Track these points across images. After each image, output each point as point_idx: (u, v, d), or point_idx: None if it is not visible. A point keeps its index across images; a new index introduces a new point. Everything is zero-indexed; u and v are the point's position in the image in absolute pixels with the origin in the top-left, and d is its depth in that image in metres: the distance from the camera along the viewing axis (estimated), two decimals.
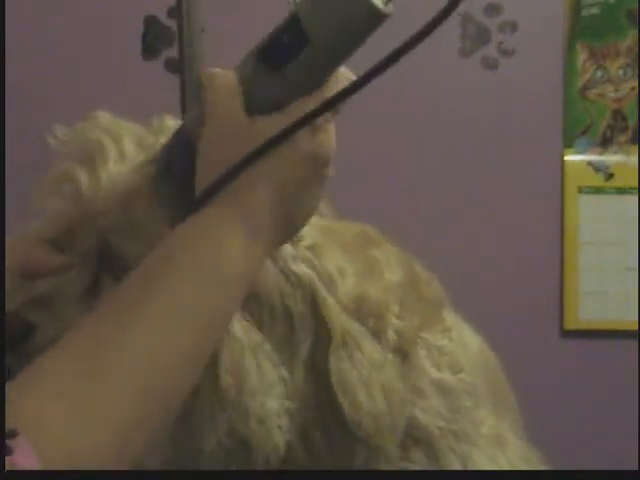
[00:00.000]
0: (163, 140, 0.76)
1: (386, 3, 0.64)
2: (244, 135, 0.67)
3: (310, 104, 0.67)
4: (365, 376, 0.77)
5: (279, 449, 0.75)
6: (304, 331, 0.77)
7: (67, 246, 0.77)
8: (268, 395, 0.75)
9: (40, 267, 0.76)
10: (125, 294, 0.62)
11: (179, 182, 0.72)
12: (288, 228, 0.70)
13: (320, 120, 0.67)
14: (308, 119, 0.66)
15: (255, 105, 0.68)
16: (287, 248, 0.78)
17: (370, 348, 0.79)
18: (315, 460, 0.78)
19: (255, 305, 0.77)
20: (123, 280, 0.63)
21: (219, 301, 0.64)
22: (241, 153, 0.66)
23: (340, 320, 0.78)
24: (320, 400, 0.77)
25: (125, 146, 0.77)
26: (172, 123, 0.80)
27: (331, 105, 0.66)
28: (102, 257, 0.75)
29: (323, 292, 0.77)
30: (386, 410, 0.77)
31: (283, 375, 0.76)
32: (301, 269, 0.78)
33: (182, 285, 0.62)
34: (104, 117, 0.80)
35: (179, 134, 0.73)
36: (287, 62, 0.67)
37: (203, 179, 0.68)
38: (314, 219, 0.84)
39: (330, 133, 0.69)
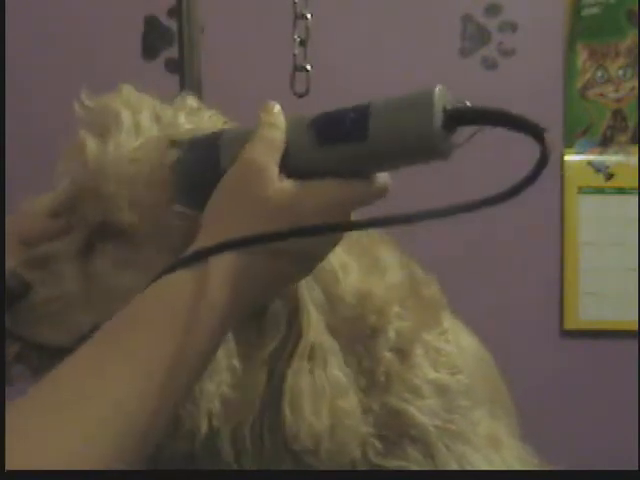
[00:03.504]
0: (183, 118, 0.76)
1: (450, 147, 0.64)
2: (266, 191, 0.65)
3: (338, 189, 0.67)
4: (318, 393, 0.76)
5: (200, 431, 0.74)
6: (273, 332, 0.76)
7: (66, 214, 0.77)
8: (211, 380, 0.74)
9: (37, 236, 0.76)
10: (89, 355, 0.62)
11: (196, 189, 0.70)
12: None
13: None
14: (327, 230, 0.66)
15: (288, 167, 0.67)
16: None
17: (337, 371, 0.77)
18: (236, 456, 0.77)
19: None
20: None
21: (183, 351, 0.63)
22: (256, 216, 0.65)
23: (315, 334, 0.77)
24: (265, 400, 0.76)
25: (142, 120, 0.76)
26: (194, 103, 0.80)
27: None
28: (100, 225, 0.75)
29: (308, 302, 0.76)
30: (327, 431, 0.75)
31: (234, 365, 0.75)
32: None
33: (147, 340, 0.62)
34: (128, 90, 0.80)
35: (211, 142, 0.71)
36: (337, 142, 0.66)
37: (205, 225, 0.67)
38: None
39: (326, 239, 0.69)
